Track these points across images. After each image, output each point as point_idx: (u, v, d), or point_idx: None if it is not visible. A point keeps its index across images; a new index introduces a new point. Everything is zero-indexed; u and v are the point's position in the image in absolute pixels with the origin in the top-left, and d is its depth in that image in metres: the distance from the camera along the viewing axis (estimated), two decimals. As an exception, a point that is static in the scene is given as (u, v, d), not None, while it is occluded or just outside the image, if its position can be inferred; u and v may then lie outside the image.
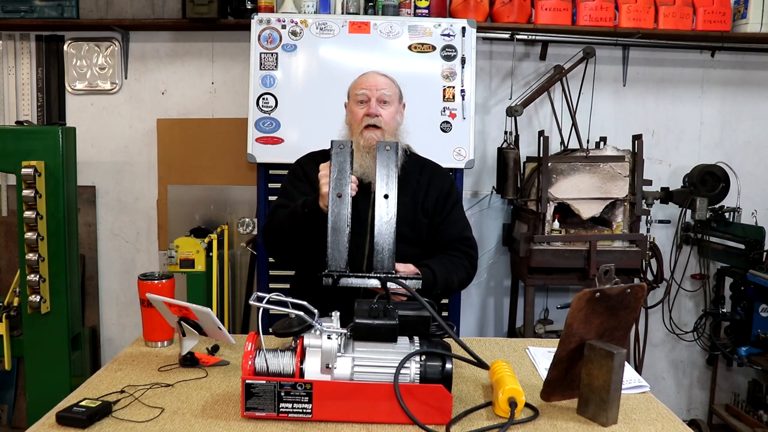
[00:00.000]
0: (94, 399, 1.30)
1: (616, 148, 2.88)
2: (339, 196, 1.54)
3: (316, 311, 1.30)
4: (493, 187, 3.23)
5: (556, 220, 2.81)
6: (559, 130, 3.12)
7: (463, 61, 2.80)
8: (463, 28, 2.81)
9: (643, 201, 2.92)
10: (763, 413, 2.99)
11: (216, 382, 1.46)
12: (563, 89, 3.05)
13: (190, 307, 1.49)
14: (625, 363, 1.33)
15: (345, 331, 1.29)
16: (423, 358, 1.28)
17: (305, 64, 2.80)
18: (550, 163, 2.78)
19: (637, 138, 2.84)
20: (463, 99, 2.80)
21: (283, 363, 1.27)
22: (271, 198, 2.79)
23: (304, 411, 1.25)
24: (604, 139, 3.06)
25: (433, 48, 2.80)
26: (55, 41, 3.27)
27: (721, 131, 3.40)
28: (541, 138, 2.81)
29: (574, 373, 1.35)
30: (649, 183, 2.91)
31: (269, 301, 1.30)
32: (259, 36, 2.79)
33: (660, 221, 3.34)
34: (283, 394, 1.24)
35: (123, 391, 1.38)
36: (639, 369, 3.11)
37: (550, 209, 2.80)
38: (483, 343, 1.81)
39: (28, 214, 2.53)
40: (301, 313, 1.29)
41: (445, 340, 1.37)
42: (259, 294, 1.31)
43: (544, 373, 1.47)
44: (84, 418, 1.21)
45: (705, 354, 3.43)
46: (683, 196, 3.12)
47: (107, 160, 3.36)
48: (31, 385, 2.66)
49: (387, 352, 1.28)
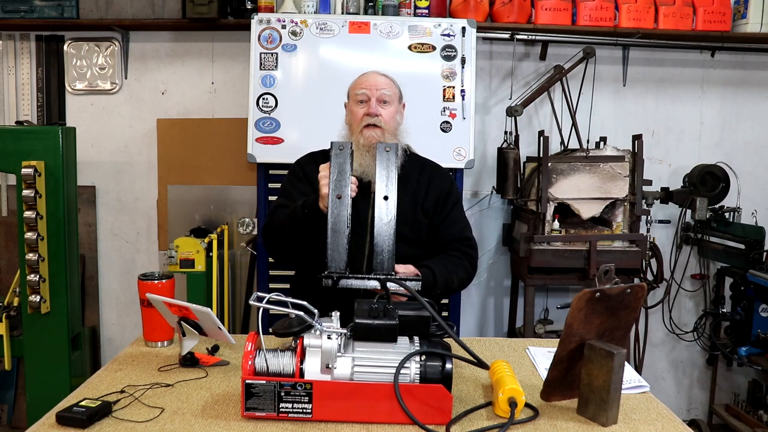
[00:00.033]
0: (94, 399, 1.30)
1: (616, 148, 2.88)
2: (339, 198, 1.54)
3: (316, 311, 1.30)
4: (493, 187, 3.23)
5: (556, 220, 2.81)
6: (559, 130, 3.12)
7: (463, 61, 2.80)
8: (463, 28, 2.81)
9: (643, 201, 2.92)
10: (763, 413, 2.98)
11: (216, 382, 1.46)
12: (563, 89, 3.05)
13: (190, 307, 1.49)
14: (625, 363, 1.33)
15: (345, 331, 1.29)
16: (423, 358, 1.28)
17: (305, 64, 2.80)
18: (550, 163, 2.78)
19: (637, 138, 2.84)
20: (463, 99, 2.80)
21: (283, 363, 1.27)
22: (271, 198, 2.79)
23: (304, 411, 1.25)
24: (604, 139, 3.06)
25: (433, 48, 2.80)
26: (55, 41, 3.27)
27: (721, 131, 3.40)
28: (541, 138, 2.81)
29: (574, 373, 1.35)
30: (649, 183, 2.91)
31: (269, 301, 1.30)
32: (259, 36, 2.79)
33: (660, 221, 3.34)
34: (283, 394, 1.24)
35: (123, 391, 1.38)
36: (639, 369, 3.11)
37: (550, 209, 2.80)
38: (483, 343, 1.81)
39: (28, 214, 2.53)
40: (301, 313, 1.29)
41: (445, 340, 1.36)
42: (259, 294, 1.31)
43: (544, 373, 1.47)
44: (84, 418, 1.21)
45: (705, 354, 3.43)
46: (683, 196, 3.12)
47: (107, 160, 3.36)
48: (31, 385, 2.66)
49: (387, 352, 1.28)
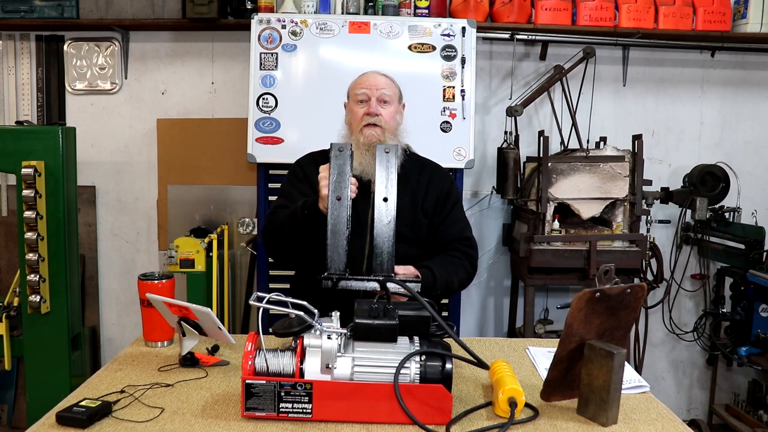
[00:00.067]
0: (94, 399, 1.30)
1: (616, 148, 2.88)
2: (338, 199, 1.54)
3: (316, 311, 1.30)
4: (493, 187, 3.23)
5: (556, 220, 2.81)
6: (559, 130, 3.12)
7: (463, 61, 2.80)
8: (463, 28, 2.80)
9: (643, 201, 2.92)
10: (763, 413, 2.98)
11: (216, 382, 1.46)
12: (563, 89, 3.05)
13: (190, 307, 1.49)
14: (625, 363, 1.33)
15: (345, 331, 1.29)
16: (423, 358, 1.28)
17: (305, 64, 2.80)
18: (550, 163, 2.78)
19: (637, 138, 2.84)
20: (463, 99, 2.80)
21: (283, 363, 1.27)
22: (271, 198, 2.79)
23: (304, 411, 1.25)
24: (604, 139, 3.06)
25: (433, 48, 2.80)
26: (55, 41, 3.27)
27: (721, 131, 3.40)
28: (541, 138, 2.81)
29: (574, 373, 1.35)
30: (649, 183, 2.91)
31: (269, 301, 1.30)
32: (259, 36, 2.79)
33: (660, 221, 3.34)
34: (283, 394, 1.24)
35: (123, 391, 1.38)
36: (639, 369, 3.11)
37: (550, 209, 2.80)
38: (483, 343, 1.81)
39: (28, 214, 2.53)
40: (301, 313, 1.29)
41: (445, 340, 1.36)
42: (259, 294, 1.31)
43: (544, 373, 1.47)
44: (84, 418, 1.21)
45: (705, 354, 3.43)
46: (683, 196, 3.12)
47: (107, 160, 3.36)
48: (31, 385, 2.66)
49: (387, 352, 1.28)
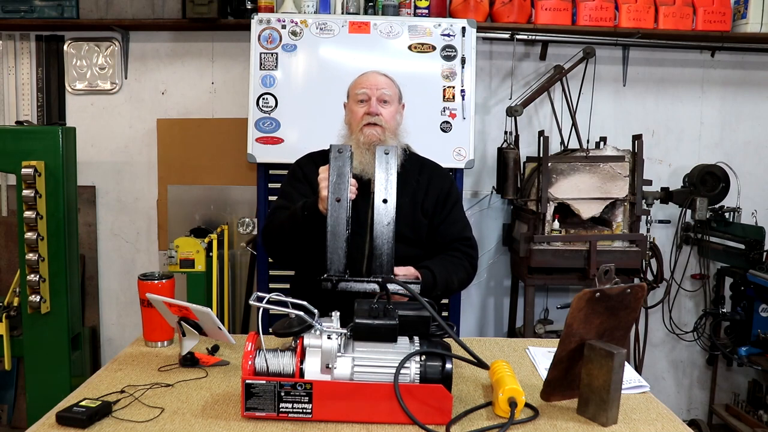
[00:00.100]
0: (94, 399, 1.30)
1: (616, 148, 2.88)
2: (338, 201, 1.54)
3: (316, 311, 1.30)
4: (493, 187, 3.23)
5: (556, 220, 2.81)
6: (559, 130, 3.12)
7: (463, 61, 2.80)
8: (463, 28, 2.80)
9: (643, 201, 2.92)
10: (763, 413, 2.98)
11: (216, 382, 1.46)
12: (563, 89, 3.05)
13: (190, 307, 1.49)
14: (625, 363, 1.33)
15: (345, 331, 1.29)
16: (423, 358, 1.28)
17: (305, 64, 2.80)
18: (550, 163, 2.78)
19: (637, 138, 2.84)
20: (463, 99, 2.80)
21: (283, 363, 1.27)
22: (271, 198, 2.79)
23: (304, 411, 1.25)
24: (604, 139, 3.06)
25: (433, 48, 2.80)
26: (55, 41, 3.27)
27: (721, 131, 3.40)
28: (541, 138, 2.81)
29: (574, 373, 1.34)
30: (649, 183, 2.91)
31: (269, 301, 1.30)
32: (259, 36, 2.79)
33: (660, 221, 3.34)
34: (283, 394, 1.24)
35: (123, 391, 1.38)
36: (639, 369, 3.11)
37: (550, 209, 2.80)
38: (483, 343, 1.81)
39: (28, 214, 2.53)
40: (301, 313, 1.29)
41: (445, 340, 1.36)
42: (259, 294, 1.31)
43: (544, 373, 1.47)
44: (84, 418, 1.21)
45: (705, 354, 3.43)
46: (683, 196, 3.12)
47: (107, 160, 3.36)
48: (31, 385, 2.66)
49: (387, 352, 1.28)
